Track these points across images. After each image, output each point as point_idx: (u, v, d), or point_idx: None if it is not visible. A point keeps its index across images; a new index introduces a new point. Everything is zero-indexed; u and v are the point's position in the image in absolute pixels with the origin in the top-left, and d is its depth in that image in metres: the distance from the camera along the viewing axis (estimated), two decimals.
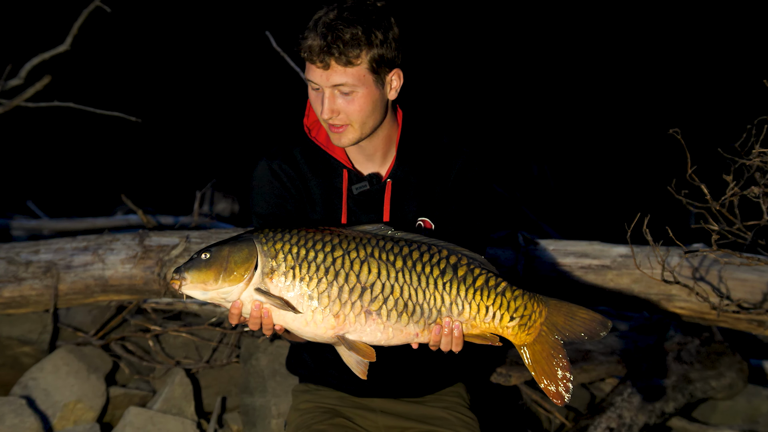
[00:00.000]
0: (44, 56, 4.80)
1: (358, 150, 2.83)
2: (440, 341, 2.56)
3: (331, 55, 2.59)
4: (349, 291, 2.51)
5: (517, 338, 2.58)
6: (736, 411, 4.19)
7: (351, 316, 2.52)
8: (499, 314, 2.56)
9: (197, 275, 2.50)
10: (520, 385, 4.17)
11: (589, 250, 4.12)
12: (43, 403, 3.95)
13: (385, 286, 2.52)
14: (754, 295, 3.88)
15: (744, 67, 8.76)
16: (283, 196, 2.84)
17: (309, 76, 2.68)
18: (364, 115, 2.69)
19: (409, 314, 2.53)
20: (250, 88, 9.13)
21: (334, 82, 2.63)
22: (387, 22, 2.65)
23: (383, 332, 2.54)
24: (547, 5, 9.90)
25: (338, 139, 2.73)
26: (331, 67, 2.61)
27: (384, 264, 2.53)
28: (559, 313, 2.57)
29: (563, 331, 2.56)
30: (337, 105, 2.66)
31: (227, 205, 5.88)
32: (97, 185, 7.73)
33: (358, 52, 2.61)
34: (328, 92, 2.65)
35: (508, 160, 8.33)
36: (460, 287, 2.55)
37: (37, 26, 7.70)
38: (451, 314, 2.55)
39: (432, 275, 2.54)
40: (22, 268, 4.14)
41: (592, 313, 2.56)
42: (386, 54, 2.64)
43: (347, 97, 2.66)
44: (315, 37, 2.60)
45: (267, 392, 3.90)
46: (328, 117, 2.67)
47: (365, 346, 2.55)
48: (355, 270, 2.52)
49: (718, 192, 3.35)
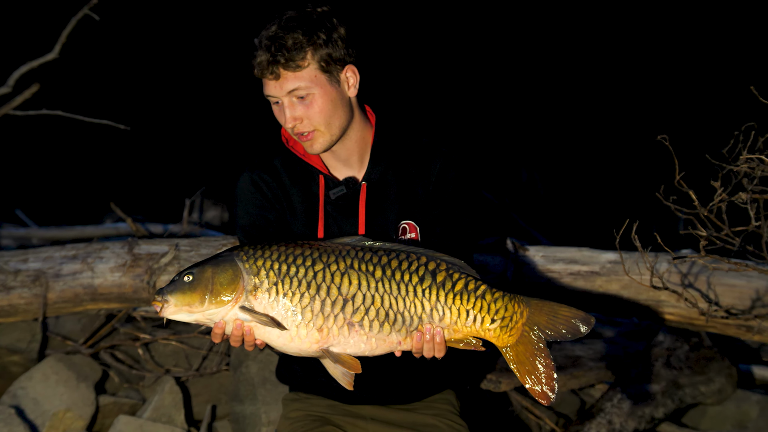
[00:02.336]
0: (33, 64, 4.79)
1: (332, 156, 2.85)
2: (422, 348, 2.56)
3: (278, 63, 2.66)
4: (331, 304, 2.51)
5: (499, 340, 2.58)
6: (725, 416, 4.20)
7: (334, 329, 2.52)
8: (479, 317, 2.56)
9: (182, 298, 2.49)
10: (510, 392, 4.18)
11: (579, 257, 4.14)
12: (32, 413, 3.94)
13: (366, 296, 2.52)
14: (742, 300, 3.89)
15: (732, 74, 8.80)
16: (265, 207, 2.86)
17: (266, 92, 2.74)
18: (327, 116, 2.72)
19: (390, 323, 2.54)
20: (240, 96, 9.12)
21: (288, 89, 2.69)
22: (329, 23, 2.71)
23: (366, 343, 2.55)
24: (539, 11, 9.93)
25: (310, 147, 2.77)
26: (282, 76, 2.68)
27: (364, 275, 2.53)
28: (540, 313, 2.57)
29: (546, 330, 2.57)
30: (298, 112, 2.71)
31: (217, 213, 5.88)
32: (86, 193, 7.71)
33: (303, 54, 2.67)
34: (286, 101, 2.71)
35: (497, 166, 8.34)
36: (440, 293, 2.55)
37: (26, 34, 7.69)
38: (432, 320, 2.55)
39: (411, 283, 2.54)
40: (11, 277, 4.13)
41: (574, 310, 2.56)
42: (333, 53, 2.70)
43: (305, 101, 2.71)
44: (262, 53, 2.67)
45: (257, 400, 3.89)
46: (292, 125, 2.72)
47: (350, 358, 2.55)
48: (336, 282, 2.52)
49: (706, 198, 3.36)
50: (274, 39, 2.67)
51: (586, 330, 2.56)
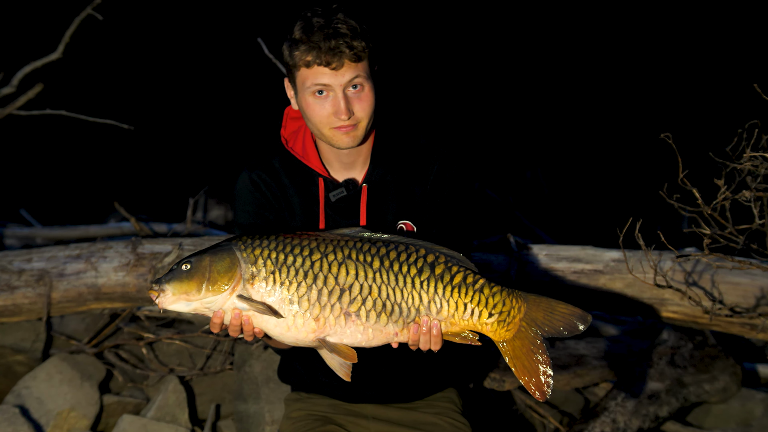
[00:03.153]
0: (36, 64, 4.80)
1: (336, 157, 2.82)
2: (419, 340, 2.56)
3: (342, 52, 2.59)
4: (328, 293, 2.52)
5: (496, 334, 2.58)
6: (729, 414, 4.19)
7: (331, 319, 2.52)
8: (477, 311, 2.56)
9: (179, 286, 2.49)
10: (513, 391, 4.17)
11: (582, 255, 4.13)
12: (36, 412, 3.94)
13: (363, 287, 2.53)
14: (746, 298, 3.89)
15: (735, 72, 8.79)
16: (264, 206, 2.85)
17: (316, 81, 2.64)
18: (372, 110, 2.69)
19: (387, 314, 2.54)
20: (243, 95, 9.13)
21: (348, 79, 2.62)
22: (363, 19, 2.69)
23: (363, 333, 2.55)
24: (543, 10, 9.92)
25: (347, 140, 2.70)
26: (345, 65, 2.61)
27: (361, 265, 2.53)
28: (538, 309, 2.58)
29: (543, 326, 2.57)
30: (353, 102, 2.65)
31: (220, 213, 5.88)
32: (89, 193, 7.72)
33: (364, 45, 2.62)
34: (340, 92, 2.64)
35: (500, 165, 8.33)
36: (438, 285, 2.55)
37: (29, 34, 7.70)
38: (429, 312, 2.55)
39: (409, 274, 2.54)
40: (15, 277, 4.14)
41: (571, 307, 2.57)
42: (377, 48, 2.68)
43: (358, 93, 2.66)
44: (319, 41, 2.59)
45: (261, 399, 3.89)
46: (347, 116, 2.65)
47: (346, 348, 2.56)
48: (333, 272, 2.52)
49: (710, 196, 3.36)
50: (334, 29, 2.59)
51: (584, 327, 2.56)
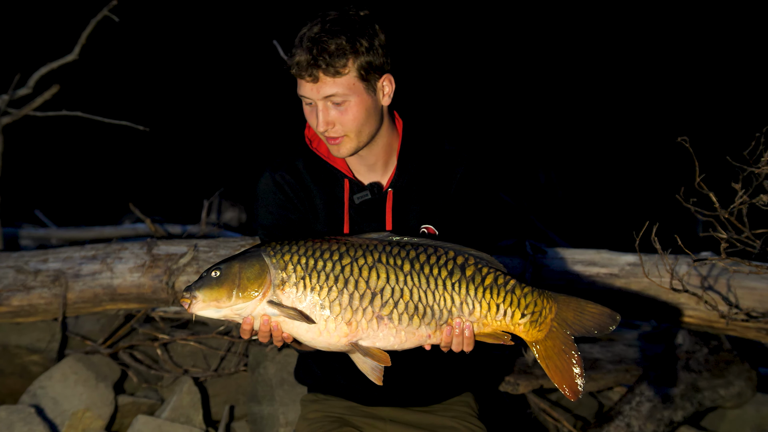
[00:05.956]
0: (52, 66, 4.82)
1: (358, 160, 2.84)
2: (452, 342, 2.56)
3: (318, 67, 2.62)
4: (359, 297, 2.52)
5: (528, 335, 2.59)
6: (744, 420, 4.18)
7: (363, 323, 2.52)
8: (510, 311, 2.57)
9: (210, 293, 2.50)
10: (527, 394, 4.17)
11: (597, 259, 4.12)
12: (51, 412, 3.96)
13: (395, 290, 2.53)
14: (763, 303, 3.87)
15: (753, 75, 8.75)
16: (287, 207, 2.85)
17: (301, 92, 2.70)
18: (359, 124, 2.70)
19: (420, 317, 2.54)
20: (258, 96, 9.15)
21: (324, 94, 2.65)
22: (371, 29, 2.67)
23: (396, 336, 2.55)
24: (557, 12, 9.91)
25: (337, 150, 2.74)
26: (320, 80, 2.64)
27: (392, 268, 2.54)
28: (568, 309, 2.59)
29: (573, 326, 2.58)
30: (331, 116, 2.68)
31: (235, 214, 5.90)
32: (105, 194, 7.75)
33: (345, 61, 2.62)
34: (321, 105, 2.67)
35: (515, 169, 8.33)
36: (470, 287, 2.56)
37: (46, 36, 7.73)
38: (462, 314, 2.56)
39: (440, 276, 2.55)
40: (31, 277, 4.15)
41: (601, 307, 2.58)
42: (374, 61, 2.66)
43: (340, 107, 2.67)
44: (302, 53, 2.62)
45: (275, 401, 3.90)
46: (324, 129, 2.69)
47: (379, 351, 2.55)
48: (364, 276, 2.52)
49: (727, 200, 3.34)
50: (317, 41, 2.61)
51: (613, 326, 2.58)
